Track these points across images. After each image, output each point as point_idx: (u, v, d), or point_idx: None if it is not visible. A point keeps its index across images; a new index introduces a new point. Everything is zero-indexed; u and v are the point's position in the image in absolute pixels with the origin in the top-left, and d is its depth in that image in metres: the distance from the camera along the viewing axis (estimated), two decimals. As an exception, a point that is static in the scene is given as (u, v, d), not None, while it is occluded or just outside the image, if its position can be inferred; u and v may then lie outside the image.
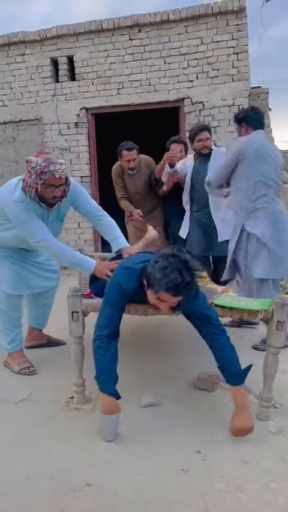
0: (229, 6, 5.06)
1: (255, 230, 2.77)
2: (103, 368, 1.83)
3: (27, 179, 2.13)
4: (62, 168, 2.11)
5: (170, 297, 1.69)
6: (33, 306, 2.80)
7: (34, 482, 1.54)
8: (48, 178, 2.10)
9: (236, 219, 2.91)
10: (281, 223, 2.80)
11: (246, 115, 2.91)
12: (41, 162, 2.07)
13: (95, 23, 5.50)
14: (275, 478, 1.53)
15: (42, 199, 2.19)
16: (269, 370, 1.95)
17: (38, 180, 2.09)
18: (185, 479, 1.55)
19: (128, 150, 3.68)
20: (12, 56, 5.87)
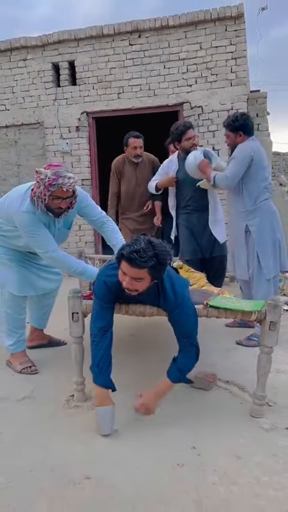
0: (227, 12, 5.14)
1: (258, 231, 2.91)
2: (96, 361, 1.94)
3: (36, 189, 2.22)
4: (70, 182, 2.19)
5: (128, 267, 1.73)
6: (35, 306, 2.87)
7: (36, 475, 1.62)
8: (55, 191, 2.19)
9: (239, 220, 3.01)
10: (278, 223, 2.97)
11: (243, 123, 3.00)
12: (50, 175, 2.16)
13: (95, 29, 5.58)
14: (266, 471, 1.60)
15: (49, 210, 2.28)
16: (263, 369, 2.02)
17: (46, 192, 2.18)
18: (180, 473, 1.62)
19: (136, 137, 3.81)
20: (14, 61, 5.96)
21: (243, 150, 2.91)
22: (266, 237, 2.94)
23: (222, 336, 3.18)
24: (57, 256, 2.36)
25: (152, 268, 1.74)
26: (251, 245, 2.96)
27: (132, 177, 3.92)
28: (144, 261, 1.69)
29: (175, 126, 3.50)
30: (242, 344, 2.96)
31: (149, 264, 1.71)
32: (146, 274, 1.76)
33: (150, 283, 1.84)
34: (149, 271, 1.75)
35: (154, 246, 1.73)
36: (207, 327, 3.30)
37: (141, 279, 1.77)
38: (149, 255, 1.70)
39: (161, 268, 1.79)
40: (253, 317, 2.01)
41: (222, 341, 3.07)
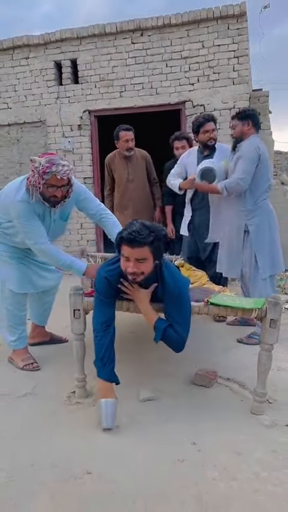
0: (230, 10, 5.13)
1: (257, 230, 2.91)
2: (100, 355, 1.97)
3: (31, 178, 2.22)
4: (64, 170, 2.19)
5: (130, 250, 1.81)
6: (35, 303, 2.88)
7: (37, 470, 1.63)
8: (50, 179, 2.19)
9: (237, 219, 3.01)
10: (275, 223, 2.99)
11: (254, 114, 3.01)
12: (44, 163, 2.16)
13: (98, 27, 5.58)
14: (266, 467, 1.61)
15: (44, 198, 2.28)
16: (263, 366, 2.03)
17: (40, 180, 2.18)
18: (181, 469, 1.63)
19: (126, 130, 3.85)
20: (17, 59, 5.96)
21: (250, 149, 2.88)
22: (265, 237, 2.94)
23: (223, 334, 3.19)
24: (46, 249, 2.36)
25: (153, 245, 1.82)
26: (249, 244, 2.96)
27: (124, 172, 3.94)
28: (144, 237, 1.78)
29: (196, 117, 3.52)
30: (243, 342, 2.97)
31: (149, 240, 1.79)
32: (149, 253, 1.83)
33: (153, 264, 1.89)
34: (150, 248, 1.82)
35: (147, 225, 1.85)
36: (208, 326, 3.33)
37: (144, 259, 1.83)
38: (147, 232, 1.80)
39: (160, 244, 1.86)
40: (253, 315, 2.01)
41: (223, 339, 3.08)
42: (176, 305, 1.98)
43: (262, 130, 5.31)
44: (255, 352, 2.17)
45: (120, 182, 3.98)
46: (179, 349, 2.01)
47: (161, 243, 1.87)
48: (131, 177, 3.94)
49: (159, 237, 1.85)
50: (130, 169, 3.94)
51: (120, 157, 3.96)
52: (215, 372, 2.40)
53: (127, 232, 1.82)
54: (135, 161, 3.97)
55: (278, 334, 1.99)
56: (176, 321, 1.97)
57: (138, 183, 3.97)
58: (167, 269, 2.02)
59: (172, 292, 1.97)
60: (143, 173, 4.03)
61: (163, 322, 1.97)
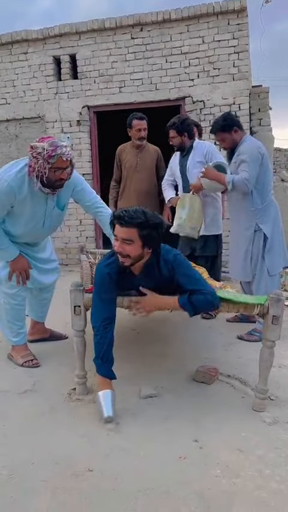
0: (230, 6, 5.10)
1: (266, 228, 2.90)
2: (100, 354, 1.97)
3: (34, 165, 2.19)
4: (67, 151, 2.21)
5: (118, 228, 1.86)
6: (33, 300, 2.85)
7: (38, 468, 1.62)
8: (55, 162, 2.17)
9: (246, 220, 2.97)
10: (279, 218, 2.99)
11: (233, 119, 2.99)
12: (47, 147, 2.14)
13: (97, 22, 5.54)
14: (269, 465, 1.60)
15: (49, 183, 2.25)
16: (265, 363, 2.01)
17: (46, 165, 2.16)
18: (183, 466, 1.61)
19: (140, 119, 3.81)
20: (15, 54, 5.92)
21: (251, 151, 2.85)
22: (275, 234, 2.94)
23: (223, 331, 3.18)
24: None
25: (141, 229, 1.83)
26: (257, 244, 2.94)
27: (133, 161, 3.92)
28: (132, 218, 1.82)
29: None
30: (244, 339, 2.96)
31: (137, 221, 1.81)
32: (136, 236, 1.84)
33: (142, 250, 1.90)
34: (138, 231, 1.83)
35: (143, 210, 1.88)
36: (208, 322, 3.32)
37: (130, 241, 1.85)
38: (138, 215, 1.83)
39: (152, 232, 1.86)
40: (255, 311, 2.00)
41: (224, 336, 3.07)
42: (180, 274, 1.99)
43: (262, 126, 5.33)
44: (256, 348, 2.16)
45: (128, 171, 3.97)
46: (215, 304, 1.97)
47: (153, 230, 1.87)
48: (139, 168, 3.92)
49: (151, 224, 1.85)
50: (140, 160, 3.92)
51: (132, 147, 3.94)
52: (216, 368, 2.39)
53: (120, 211, 1.87)
54: (146, 153, 3.95)
55: (280, 330, 1.98)
56: (191, 284, 1.97)
57: (145, 175, 3.95)
58: (163, 258, 2.03)
59: (171, 268, 1.99)
60: (152, 166, 4.00)
61: (183, 297, 1.96)
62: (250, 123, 5.33)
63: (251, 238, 2.95)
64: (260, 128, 5.32)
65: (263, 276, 2.94)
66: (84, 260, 3.21)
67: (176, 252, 2.10)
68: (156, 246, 1.96)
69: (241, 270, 3.03)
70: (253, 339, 2.92)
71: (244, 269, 3.00)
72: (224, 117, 2.99)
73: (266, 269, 2.94)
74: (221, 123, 2.95)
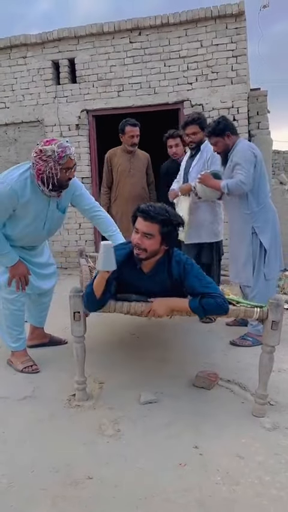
0: (228, 10, 5.11)
1: (263, 232, 2.90)
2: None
3: (44, 168, 2.23)
4: (73, 151, 2.29)
5: (141, 221, 1.94)
6: (32, 305, 2.85)
7: (38, 475, 1.61)
8: (65, 162, 2.25)
9: (243, 223, 2.96)
10: (277, 222, 2.99)
11: (226, 123, 2.96)
12: (57, 149, 2.21)
13: (96, 26, 5.56)
14: (268, 471, 1.60)
15: (59, 184, 2.30)
16: (264, 368, 2.01)
17: (57, 166, 2.23)
18: (183, 473, 1.61)
19: (133, 125, 3.85)
20: (14, 59, 5.93)
21: (244, 153, 2.84)
22: (271, 238, 2.94)
23: (223, 335, 3.18)
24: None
25: (163, 226, 1.91)
26: (257, 247, 2.93)
27: (126, 165, 3.94)
28: (157, 213, 1.90)
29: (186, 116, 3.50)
30: (237, 344, 2.94)
31: (160, 218, 1.90)
32: (157, 232, 1.92)
33: (159, 246, 1.97)
34: (159, 227, 1.91)
35: (167, 208, 1.98)
36: (208, 326, 3.32)
37: (151, 235, 1.92)
38: (162, 212, 1.92)
39: (172, 230, 1.95)
40: (255, 316, 2.00)
41: (223, 340, 3.07)
42: (192, 275, 2.03)
43: (260, 130, 5.34)
44: (256, 352, 2.16)
45: (121, 176, 3.98)
46: (225, 308, 1.97)
47: (174, 229, 1.96)
48: (132, 172, 3.94)
49: (173, 222, 1.95)
50: (132, 165, 3.95)
51: (123, 151, 3.95)
52: (215, 373, 2.39)
53: (145, 205, 1.96)
54: (137, 158, 3.98)
55: (280, 335, 1.98)
56: (202, 287, 1.99)
57: (138, 179, 3.99)
58: (175, 259, 2.08)
59: (182, 270, 2.04)
60: (143, 171, 4.06)
61: (195, 300, 1.97)
62: (249, 127, 5.34)
63: (249, 242, 2.94)
64: (258, 131, 5.33)
65: (259, 280, 2.93)
66: (84, 264, 3.21)
67: (187, 256, 2.16)
68: (173, 245, 2.05)
69: (242, 274, 3.01)
70: (246, 343, 2.91)
71: (245, 273, 2.98)
72: (217, 121, 2.97)
73: (262, 273, 2.93)
74: (214, 126, 2.95)
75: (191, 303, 1.98)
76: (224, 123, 2.94)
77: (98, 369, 2.51)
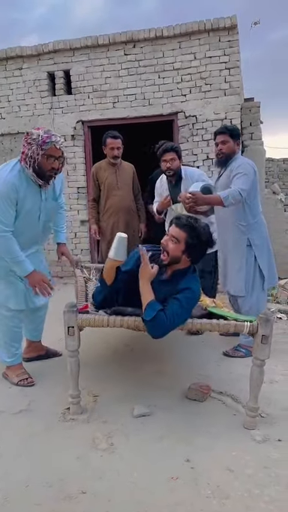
0: (221, 23, 5.20)
1: (258, 243, 2.98)
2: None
3: (27, 151, 2.26)
4: (61, 141, 2.31)
5: (173, 227, 2.09)
6: (27, 319, 2.84)
7: (32, 490, 1.64)
8: (49, 149, 2.26)
9: (238, 234, 3.00)
10: (267, 234, 3.07)
11: (239, 133, 3.06)
12: (42, 134, 2.24)
13: (90, 39, 5.63)
14: (258, 484, 1.64)
15: (41, 172, 2.30)
16: (255, 381, 2.06)
17: (40, 151, 2.24)
18: (174, 486, 1.65)
19: (113, 138, 3.85)
20: (10, 70, 5.99)
21: (247, 167, 2.89)
22: (265, 250, 3.01)
23: (216, 345, 3.22)
24: (8, 238, 2.33)
25: (190, 236, 2.03)
26: (251, 259, 2.97)
27: (113, 178, 3.97)
28: (188, 223, 2.05)
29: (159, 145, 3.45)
30: (229, 355, 2.99)
31: (189, 228, 2.04)
32: (183, 239, 2.05)
33: (181, 254, 2.07)
34: (186, 237, 2.04)
35: (202, 225, 2.09)
36: (201, 337, 3.36)
37: (177, 240, 2.05)
38: (194, 224, 2.06)
39: (197, 245, 2.05)
40: (245, 330, 2.05)
41: (217, 350, 3.11)
42: (180, 292, 2.07)
43: (253, 140, 5.41)
44: (248, 363, 2.19)
45: (109, 189, 4.00)
46: (159, 336, 2.03)
47: (199, 244, 2.06)
48: (119, 185, 3.98)
49: (201, 237, 2.05)
50: (119, 177, 3.99)
51: (108, 165, 3.99)
52: (208, 385, 2.43)
53: (187, 216, 2.13)
54: (123, 170, 4.02)
55: (270, 349, 2.03)
56: (171, 306, 2.02)
57: (125, 191, 4.03)
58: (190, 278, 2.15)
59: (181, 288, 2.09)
60: (130, 183, 4.09)
61: (158, 305, 2.01)
62: (242, 137, 5.41)
63: (244, 254, 2.98)
64: (251, 141, 5.41)
65: (254, 291, 2.99)
66: (79, 275, 3.25)
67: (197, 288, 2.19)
68: (194, 259, 2.12)
69: (235, 284, 3.05)
70: (239, 354, 2.96)
71: (238, 283, 3.02)
72: (234, 126, 3.09)
73: (257, 285, 2.99)
74: (231, 128, 3.05)
75: (153, 302, 2.01)
76: (239, 132, 3.04)
77: (92, 381, 2.54)
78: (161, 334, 2.02)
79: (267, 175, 10.39)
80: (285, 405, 2.29)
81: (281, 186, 10.28)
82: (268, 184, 9.56)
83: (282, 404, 2.31)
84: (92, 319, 2.14)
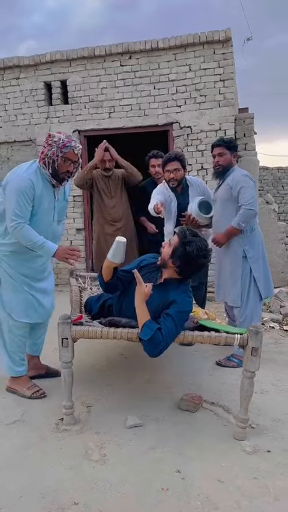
0: (215, 36, 5.30)
1: (253, 254, 3.03)
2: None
3: (47, 151, 2.39)
4: (79, 147, 2.44)
5: (175, 236, 2.20)
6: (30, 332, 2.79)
7: (26, 502, 1.67)
8: (67, 152, 2.39)
9: (236, 246, 3.05)
10: (263, 246, 3.11)
11: (236, 145, 3.12)
12: (63, 138, 2.39)
13: (87, 50, 5.71)
14: (246, 496, 1.68)
15: (56, 173, 2.42)
16: (245, 392, 2.10)
17: (59, 153, 2.37)
18: (165, 498, 1.68)
19: (104, 151, 3.98)
20: (7, 80, 6.06)
21: (246, 179, 2.96)
22: (260, 261, 3.06)
23: (208, 354, 3.25)
24: (27, 228, 2.39)
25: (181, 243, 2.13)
26: (247, 270, 3.01)
27: (106, 189, 4.10)
28: (182, 231, 2.18)
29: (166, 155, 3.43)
30: (222, 365, 3.03)
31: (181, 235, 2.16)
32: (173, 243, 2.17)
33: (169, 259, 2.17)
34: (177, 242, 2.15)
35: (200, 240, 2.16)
36: (195, 346, 3.39)
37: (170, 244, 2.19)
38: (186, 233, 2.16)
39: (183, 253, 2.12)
40: (236, 342, 2.09)
41: (209, 360, 3.15)
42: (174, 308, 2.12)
43: (247, 151, 5.49)
44: (240, 373, 2.23)
45: (103, 199, 4.11)
46: (156, 355, 2.09)
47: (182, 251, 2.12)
48: (112, 194, 4.08)
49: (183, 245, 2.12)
50: (112, 187, 4.09)
51: (100, 175, 4.10)
52: (200, 396, 2.46)
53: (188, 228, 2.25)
54: (115, 179, 4.12)
55: (260, 361, 2.07)
56: (166, 325, 2.07)
57: (117, 201, 4.11)
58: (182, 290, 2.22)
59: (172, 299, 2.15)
60: (123, 190, 4.17)
61: (155, 324, 2.06)
62: (236, 148, 5.49)
63: (240, 265, 3.02)
64: (245, 152, 5.49)
65: (249, 302, 3.03)
66: (74, 284, 3.28)
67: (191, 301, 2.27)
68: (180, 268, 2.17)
69: (231, 295, 3.08)
70: (231, 364, 3.00)
71: (234, 294, 3.05)
72: (231, 138, 3.19)
73: (252, 295, 3.03)
74: (228, 140, 3.11)
75: (150, 321, 2.05)
76: (236, 144, 3.10)
77: (86, 391, 2.57)
78: (158, 353, 2.07)
79: (262, 184, 10.49)
80: (275, 416, 2.33)
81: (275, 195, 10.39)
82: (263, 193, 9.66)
83: (272, 414, 2.35)
84: (86, 331, 2.18)
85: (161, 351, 2.07)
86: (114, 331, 2.18)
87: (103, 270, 2.31)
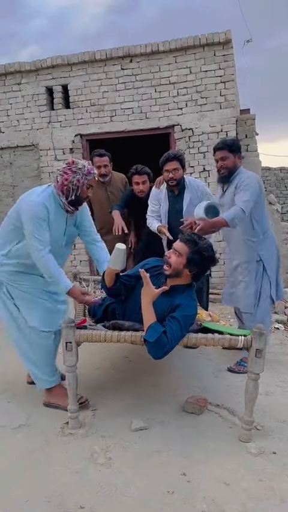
0: (216, 38, 5.32)
1: (269, 259, 3.00)
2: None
3: (71, 178, 2.34)
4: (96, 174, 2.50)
5: (178, 242, 2.21)
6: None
7: (32, 506, 1.67)
8: (91, 180, 2.41)
9: (249, 251, 2.99)
10: (277, 249, 3.11)
11: (240, 146, 3.03)
12: (87, 165, 2.38)
13: (88, 54, 5.74)
14: (252, 498, 1.67)
15: (79, 199, 2.40)
16: (250, 394, 2.09)
17: (84, 180, 2.37)
18: (171, 501, 1.68)
19: (100, 156, 3.86)
20: (9, 85, 6.10)
21: (252, 182, 2.85)
22: (273, 265, 3.03)
23: (213, 357, 3.25)
24: (48, 258, 2.33)
25: (192, 251, 2.12)
26: (260, 275, 2.98)
27: (104, 195, 3.95)
28: (190, 238, 2.17)
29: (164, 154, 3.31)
30: (235, 371, 2.97)
31: (192, 243, 2.14)
32: (185, 253, 2.14)
33: (183, 268, 2.15)
34: (188, 251, 2.13)
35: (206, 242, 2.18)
36: (199, 349, 3.38)
37: (179, 253, 2.15)
38: (197, 240, 2.16)
39: (198, 260, 2.13)
40: (239, 345, 2.09)
41: (214, 362, 3.14)
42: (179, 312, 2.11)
43: (249, 152, 5.49)
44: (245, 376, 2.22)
45: (101, 207, 3.95)
46: (160, 357, 2.09)
47: (201, 259, 2.13)
48: (111, 201, 3.94)
49: (203, 253, 2.13)
50: (110, 194, 3.98)
51: (97, 183, 3.91)
52: (205, 399, 2.46)
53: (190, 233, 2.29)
54: (114, 185, 4.01)
55: (264, 363, 2.06)
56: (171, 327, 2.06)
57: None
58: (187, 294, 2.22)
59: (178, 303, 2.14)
60: (121, 194, 4.02)
61: (161, 327, 2.06)
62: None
63: (254, 269, 2.98)
64: (247, 153, 5.49)
65: (259, 308, 2.99)
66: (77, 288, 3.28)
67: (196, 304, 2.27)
68: (196, 275, 2.19)
69: (243, 301, 3.04)
70: (243, 370, 2.89)
71: (247, 300, 3.00)
72: (234, 139, 3.07)
73: (262, 301, 2.99)
74: (230, 142, 2.97)
75: (156, 324, 2.05)
76: (239, 145, 3.02)
77: (91, 394, 2.57)
78: (161, 355, 2.07)
79: (265, 184, 10.48)
80: (281, 417, 2.33)
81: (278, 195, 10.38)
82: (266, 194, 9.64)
83: (278, 416, 2.34)
84: (90, 335, 2.18)
85: (165, 354, 2.08)
86: (118, 335, 2.18)
87: (105, 276, 2.32)
